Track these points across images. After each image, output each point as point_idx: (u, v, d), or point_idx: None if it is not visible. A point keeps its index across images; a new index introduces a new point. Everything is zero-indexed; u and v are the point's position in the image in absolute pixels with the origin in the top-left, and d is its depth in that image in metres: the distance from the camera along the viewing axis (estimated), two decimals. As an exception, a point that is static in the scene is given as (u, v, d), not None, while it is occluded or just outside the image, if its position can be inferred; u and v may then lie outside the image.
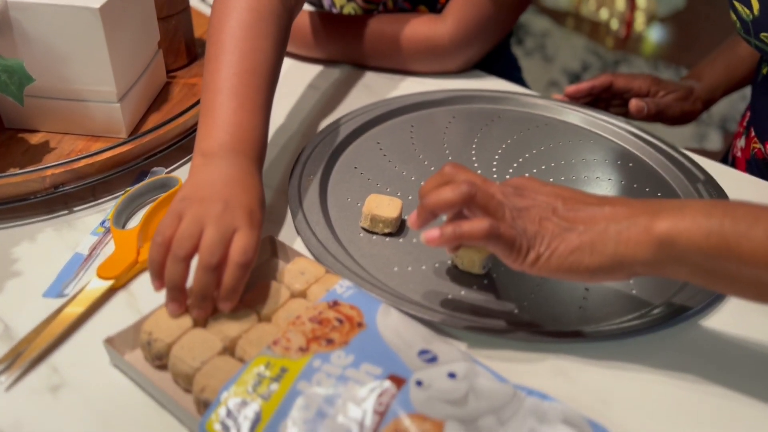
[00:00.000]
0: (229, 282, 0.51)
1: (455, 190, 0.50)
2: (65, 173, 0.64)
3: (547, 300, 0.59)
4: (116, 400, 0.48)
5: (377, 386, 0.45)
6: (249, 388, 0.46)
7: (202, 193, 0.54)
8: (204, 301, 0.51)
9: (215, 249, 0.51)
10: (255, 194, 0.57)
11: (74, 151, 0.68)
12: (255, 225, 0.54)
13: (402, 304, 0.56)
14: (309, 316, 0.51)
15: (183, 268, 0.51)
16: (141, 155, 0.69)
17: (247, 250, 0.52)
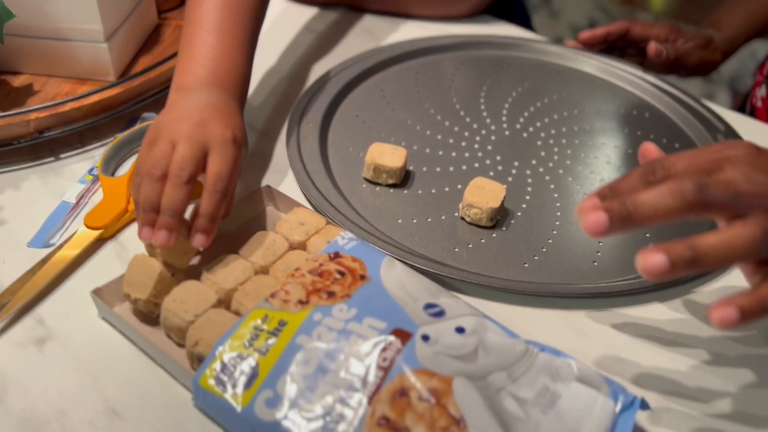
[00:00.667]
0: (204, 208, 0.48)
1: (676, 194, 0.37)
2: (50, 117, 0.61)
3: (559, 254, 0.56)
4: (105, 354, 0.46)
5: (381, 341, 0.43)
6: (245, 342, 0.43)
7: (174, 117, 0.51)
8: (172, 219, 0.47)
9: (185, 164, 0.48)
10: (233, 120, 0.53)
11: (60, 95, 0.64)
12: (230, 146, 0.50)
13: (407, 257, 0.53)
14: (309, 268, 0.48)
15: (158, 188, 0.48)
16: (130, 100, 0.65)
17: (222, 174, 0.49)
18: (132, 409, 0.43)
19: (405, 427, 0.38)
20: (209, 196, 0.49)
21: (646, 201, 0.37)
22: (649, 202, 0.37)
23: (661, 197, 0.37)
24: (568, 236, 0.58)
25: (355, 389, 0.40)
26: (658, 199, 0.37)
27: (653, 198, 0.37)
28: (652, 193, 0.38)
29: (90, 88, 0.64)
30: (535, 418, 0.39)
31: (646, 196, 0.38)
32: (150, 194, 0.48)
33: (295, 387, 0.41)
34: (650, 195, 0.38)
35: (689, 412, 0.45)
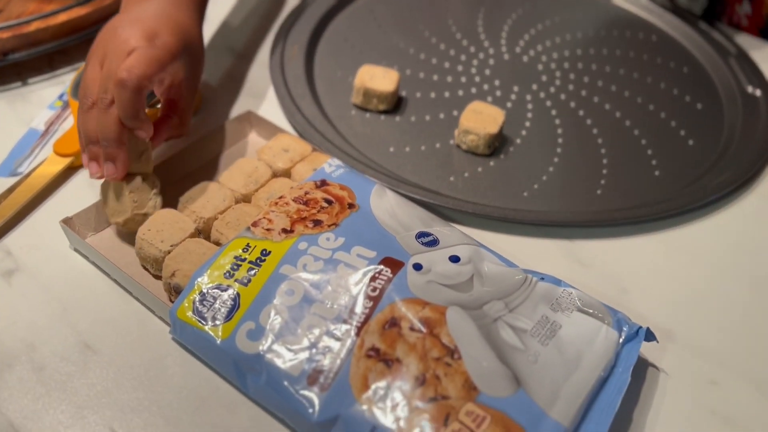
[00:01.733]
0: (119, 110, 0.42)
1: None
2: (15, 38, 0.56)
3: (560, 183, 0.53)
4: (77, 287, 0.43)
5: (370, 270, 0.40)
6: (226, 272, 0.40)
7: (115, 26, 0.45)
8: (111, 148, 0.43)
9: (104, 82, 0.43)
10: (187, 32, 0.47)
11: (24, 13, 0.60)
12: (160, 49, 0.43)
13: (399, 186, 0.50)
14: (293, 196, 0.45)
15: (92, 116, 0.43)
16: (101, 20, 0.60)
17: (132, 66, 0.42)
18: (106, 343, 0.40)
19: (396, 358, 0.36)
20: (116, 90, 0.42)
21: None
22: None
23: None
24: (571, 164, 0.55)
25: (342, 320, 0.38)
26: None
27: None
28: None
29: (57, 6, 0.59)
30: (533, 349, 0.37)
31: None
32: (84, 127, 0.43)
33: (279, 318, 0.38)
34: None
35: (696, 344, 0.43)
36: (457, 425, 0.33)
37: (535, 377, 0.36)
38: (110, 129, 0.42)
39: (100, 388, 0.38)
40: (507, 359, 0.36)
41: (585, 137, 0.57)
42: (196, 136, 0.54)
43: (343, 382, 0.35)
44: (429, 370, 0.35)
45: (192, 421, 0.37)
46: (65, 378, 0.38)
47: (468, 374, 0.35)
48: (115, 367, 0.39)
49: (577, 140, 0.57)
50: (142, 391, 0.38)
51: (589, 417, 0.35)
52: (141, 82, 0.42)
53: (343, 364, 0.36)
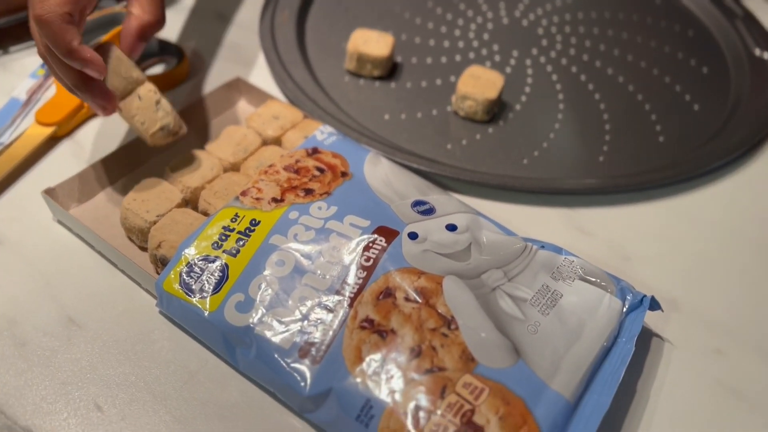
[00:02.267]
0: (55, 51, 0.39)
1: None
2: (-7, 4, 0.54)
3: (562, 150, 0.51)
4: (61, 260, 0.42)
5: (364, 239, 0.38)
6: (213, 243, 0.39)
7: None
8: (82, 93, 0.40)
9: (33, 28, 0.39)
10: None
11: (3, -21, 0.57)
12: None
13: (394, 154, 0.48)
14: (284, 165, 0.43)
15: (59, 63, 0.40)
16: (84, -15, 0.58)
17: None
18: (90, 317, 0.39)
19: (390, 329, 0.34)
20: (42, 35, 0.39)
21: None
22: None
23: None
24: (572, 130, 0.53)
25: (335, 291, 0.36)
26: None
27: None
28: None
29: (37, -29, 0.57)
30: (533, 319, 0.36)
31: None
32: (56, 78, 0.41)
33: (269, 290, 0.37)
34: None
35: (702, 313, 0.41)
36: (454, 397, 0.32)
37: (535, 348, 0.34)
38: (64, 74, 0.40)
39: (84, 363, 0.37)
40: (506, 329, 0.35)
41: (587, 103, 0.56)
42: (183, 104, 0.52)
43: (335, 355, 0.34)
44: (425, 342, 0.34)
45: (180, 397, 0.36)
46: (48, 353, 0.37)
47: (465, 345, 0.34)
48: (100, 342, 0.38)
49: (579, 106, 0.55)
50: (128, 366, 0.37)
51: (592, 388, 0.34)
52: (56, 10, 0.37)
53: (335, 336, 0.35)
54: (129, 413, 0.35)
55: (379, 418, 0.32)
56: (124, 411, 0.35)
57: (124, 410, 0.35)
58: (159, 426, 0.34)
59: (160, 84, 0.53)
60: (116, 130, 0.50)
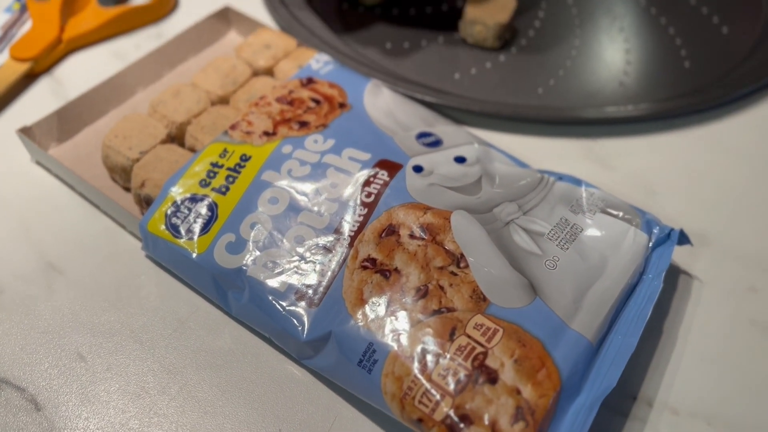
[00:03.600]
0: None
1: None
2: (-40, -67, 0.50)
3: (579, 76, 0.47)
4: (40, 203, 0.39)
5: (364, 174, 0.35)
6: (201, 180, 0.36)
7: None
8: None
9: None
10: None
11: None
12: None
13: (396, 84, 0.44)
14: (276, 96, 0.40)
15: None
16: None
17: None
18: (72, 263, 0.36)
19: (394, 268, 0.31)
20: None
21: None
22: None
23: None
24: (590, 56, 0.49)
25: (334, 230, 0.33)
26: None
27: None
28: None
29: None
30: (551, 254, 0.32)
31: None
32: None
33: (262, 229, 0.34)
34: None
35: (734, 248, 0.38)
36: (464, 339, 0.29)
37: (553, 285, 0.31)
38: None
39: (66, 311, 0.34)
40: (521, 266, 0.32)
41: (606, 27, 0.51)
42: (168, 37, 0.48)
43: (335, 297, 0.31)
44: (432, 281, 0.31)
45: (169, 345, 0.33)
46: (28, 301, 0.34)
47: (476, 284, 0.31)
48: (82, 288, 0.35)
49: (597, 30, 0.51)
50: (113, 314, 0.34)
51: (616, 328, 0.31)
52: None
53: (334, 276, 0.32)
54: (114, 363, 0.32)
55: (382, 363, 0.29)
56: (109, 361, 0.32)
57: (109, 360, 0.32)
58: (147, 376, 0.32)
59: (142, 16, 0.49)
60: (98, 66, 0.46)
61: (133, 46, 0.48)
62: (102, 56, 0.47)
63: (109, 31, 0.48)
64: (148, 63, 0.45)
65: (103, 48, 0.48)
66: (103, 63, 0.47)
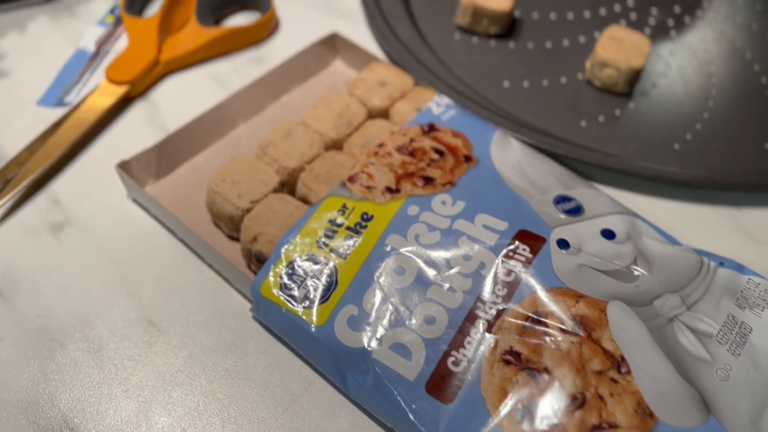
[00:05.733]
0: None
1: None
2: (57, -61, 0.47)
3: (719, 133, 0.43)
4: (138, 247, 0.36)
5: (502, 246, 0.31)
6: (319, 240, 0.32)
7: None
8: None
9: None
10: None
11: None
12: None
13: (522, 132, 0.40)
14: (396, 145, 0.36)
15: None
16: None
17: None
18: (173, 320, 0.33)
19: (544, 367, 0.28)
20: None
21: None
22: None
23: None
24: (729, 108, 0.44)
25: (468, 310, 0.30)
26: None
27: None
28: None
29: None
30: (723, 360, 0.28)
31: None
32: None
33: (387, 304, 0.30)
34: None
35: None
36: (634, 468, 0.25)
37: (727, 400, 0.27)
38: None
39: (168, 378, 0.31)
40: (689, 374, 0.28)
41: (745, 74, 0.46)
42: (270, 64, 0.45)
43: (472, 393, 0.28)
44: (589, 388, 0.27)
45: (283, 426, 0.30)
46: (127, 363, 0.32)
47: (641, 395, 0.27)
48: (185, 352, 0.32)
49: (735, 78, 0.46)
50: (218, 384, 0.31)
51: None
52: None
53: (471, 368, 0.28)
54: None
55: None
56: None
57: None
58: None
59: (242, 38, 0.46)
60: (196, 91, 0.44)
61: (233, 70, 0.45)
62: (200, 80, 0.44)
63: (207, 53, 0.45)
64: (250, 93, 0.41)
65: (201, 71, 0.45)
66: (201, 88, 0.44)
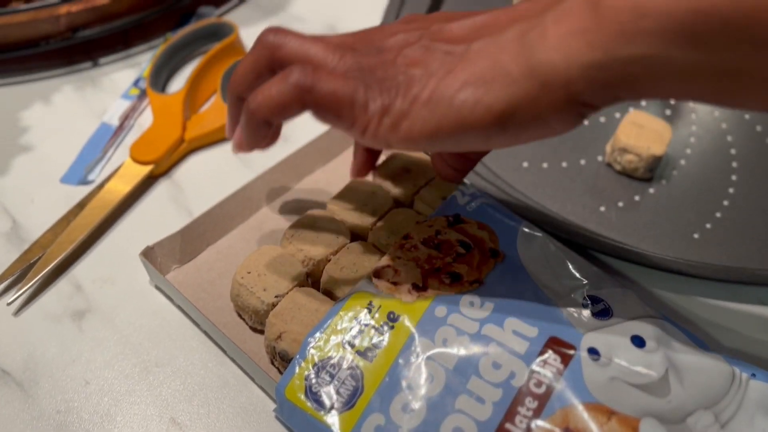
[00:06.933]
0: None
1: (282, 85, 0.28)
2: (86, 12, 0.48)
3: (740, 221, 0.43)
4: (160, 337, 0.36)
5: (532, 355, 0.31)
6: (346, 340, 0.32)
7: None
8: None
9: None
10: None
11: (96, -18, 0.51)
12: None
13: (542, 220, 0.40)
14: (422, 237, 0.36)
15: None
16: (184, -10, 0.52)
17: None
18: (196, 419, 0.33)
19: (577, 491, 0.27)
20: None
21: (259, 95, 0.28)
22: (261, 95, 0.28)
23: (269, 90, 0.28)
24: (751, 196, 0.44)
25: (497, 424, 0.29)
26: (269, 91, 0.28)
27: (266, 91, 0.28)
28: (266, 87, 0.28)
29: (133, -27, 0.51)
30: (757, 486, 0.28)
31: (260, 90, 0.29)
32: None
33: (415, 415, 0.30)
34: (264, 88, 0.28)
35: None
36: None
37: None
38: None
39: (191, 483, 0.31)
40: (724, 500, 0.27)
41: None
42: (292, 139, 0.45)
43: None
44: None
45: None
46: (149, 464, 0.31)
47: None
48: (208, 454, 0.32)
49: (758, 164, 0.46)
50: (241, 490, 0.31)
51: None
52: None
53: (502, 486, 0.28)
54: None
55: None
56: None
57: None
58: None
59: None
60: (220, 170, 0.44)
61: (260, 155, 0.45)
62: (224, 158, 0.44)
63: (230, 130, 0.45)
64: (274, 174, 0.42)
65: (226, 149, 0.45)
66: (225, 167, 0.44)
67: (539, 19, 0.26)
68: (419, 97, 0.27)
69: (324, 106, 0.28)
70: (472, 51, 0.27)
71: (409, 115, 0.27)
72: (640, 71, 0.24)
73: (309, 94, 0.27)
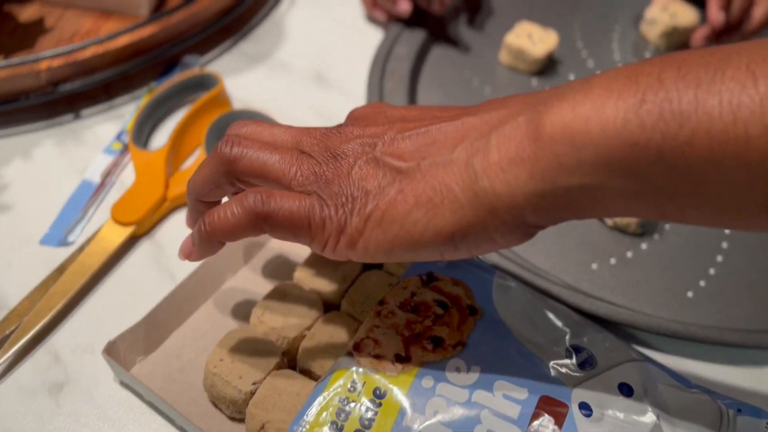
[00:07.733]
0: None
1: (238, 209, 0.28)
2: (67, 66, 0.47)
3: (734, 280, 0.42)
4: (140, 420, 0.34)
5: (526, 420, 0.30)
6: (332, 423, 0.31)
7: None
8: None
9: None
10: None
11: (78, 34, 0.50)
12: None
13: (522, 275, 0.39)
14: (398, 301, 0.35)
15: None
16: (168, 41, 0.51)
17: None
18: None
19: None
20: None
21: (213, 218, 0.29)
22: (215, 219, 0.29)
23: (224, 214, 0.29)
24: (745, 253, 0.43)
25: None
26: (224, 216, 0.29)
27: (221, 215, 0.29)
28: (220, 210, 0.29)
29: (117, 25, 0.50)
30: None
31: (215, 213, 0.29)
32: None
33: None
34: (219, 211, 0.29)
35: None
36: None
37: None
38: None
39: None
40: None
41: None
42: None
43: None
44: None
45: None
46: None
47: None
48: None
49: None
50: None
51: None
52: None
53: None
54: None
55: None
56: None
57: None
58: None
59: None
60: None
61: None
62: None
63: (214, 186, 0.45)
64: (235, 244, 0.40)
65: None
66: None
67: (484, 142, 0.27)
68: (372, 216, 0.28)
69: (281, 228, 0.28)
70: (421, 170, 0.27)
71: (363, 234, 0.28)
72: (582, 198, 0.25)
73: (265, 222, 0.28)
